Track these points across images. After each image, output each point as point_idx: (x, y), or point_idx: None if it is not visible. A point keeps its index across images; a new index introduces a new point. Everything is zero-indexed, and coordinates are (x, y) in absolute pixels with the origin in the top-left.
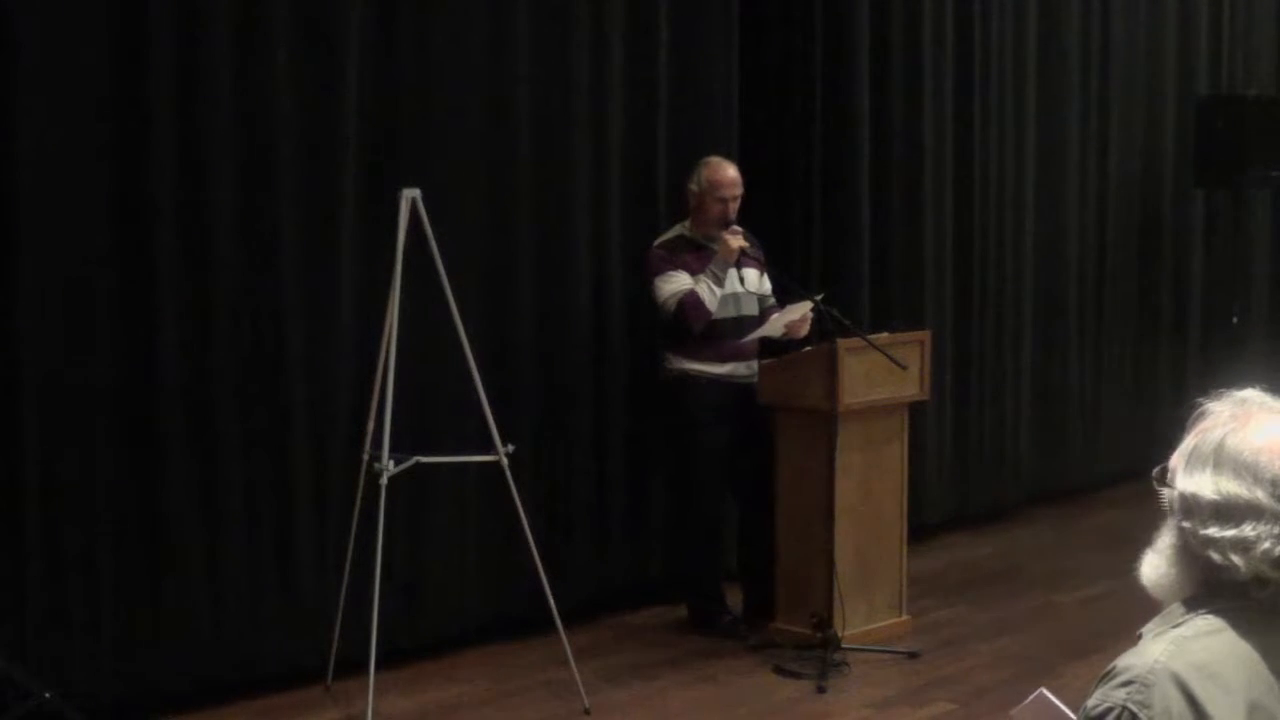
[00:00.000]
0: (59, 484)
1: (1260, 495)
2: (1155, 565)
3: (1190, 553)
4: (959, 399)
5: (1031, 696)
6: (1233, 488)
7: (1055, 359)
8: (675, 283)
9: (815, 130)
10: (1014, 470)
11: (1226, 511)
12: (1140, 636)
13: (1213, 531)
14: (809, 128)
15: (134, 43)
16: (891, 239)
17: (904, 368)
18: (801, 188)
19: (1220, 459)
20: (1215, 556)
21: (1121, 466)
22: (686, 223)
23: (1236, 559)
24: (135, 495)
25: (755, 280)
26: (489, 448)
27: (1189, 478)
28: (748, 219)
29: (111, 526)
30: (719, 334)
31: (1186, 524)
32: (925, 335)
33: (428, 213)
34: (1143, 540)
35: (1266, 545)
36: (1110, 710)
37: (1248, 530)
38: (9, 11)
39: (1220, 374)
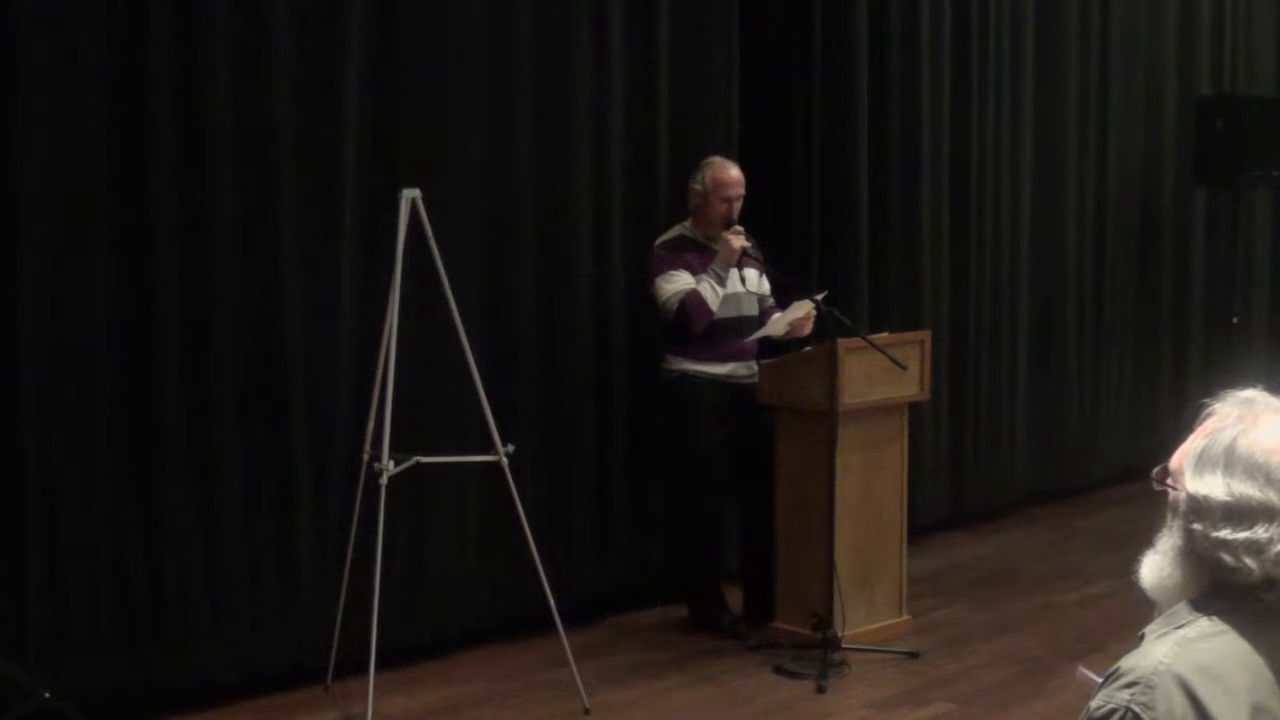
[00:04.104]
0: (59, 484)
1: (1273, 496)
2: (1157, 567)
3: (1198, 554)
4: (957, 399)
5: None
6: (1245, 489)
7: (1054, 358)
8: (677, 282)
9: (815, 130)
10: (1012, 470)
11: (1239, 513)
12: (1143, 637)
13: (1225, 533)
14: (809, 128)
15: (134, 42)
16: (889, 239)
17: (904, 368)
18: (801, 188)
19: (1231, 460)
20: (1227, 558)
21: (1121, 466)
22: (687, 222)
23: (1249, 561)
24: (135, 495)
25: (755, 280)
26: (489, 448)
27: (1199, 479)
28: (747, 219)
29: (111, 526)
30: (720, 334)
31: (1197, 526)
32: (925, 335)
33: (428, 213)
34: (1142, 540)
35: (1279, 547)
36: (1114, 711)
37: (1260, 532)
38: (9, 11)
39: (1220, 374)
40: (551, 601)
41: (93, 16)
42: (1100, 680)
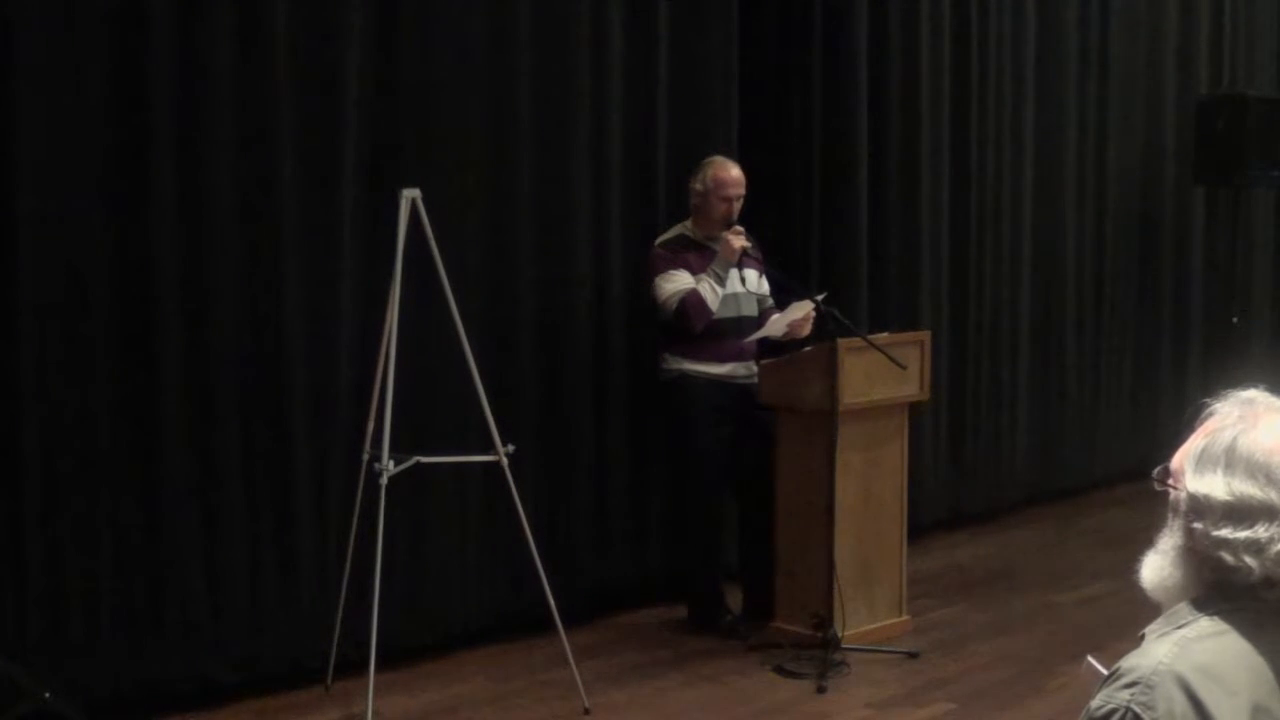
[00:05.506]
0: (59, 483)
1: (1273, 496)
2: (1158, 567)
3: (1198, 554)
4: (957, 399)
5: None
6: (1246, 489)
7: (1054, 359)
8: (677, 282)
9: (814, 130)
10: (1012, 470)
11: (1240, 512)
12: (1143, 637)
13: (1225, 533)
14: (809, 127)
15: (134, 43)
16: (889, 239)
17: (904, 368)
18: (801, 188)
19: (1232, 460)
20: (1227, 558)
21: (1120, 466)
22: (688, 222)
23: (1249, 560)
24: (135, 494)
25: (755, 280)
26: (489, 448)
27: (1200, 479)
28: (746, 219)
29: (112, 526)
30: (719, 334)
31: (1197, 525)
32: (925, 335)
33: (428, 213)
34: (1142, 540)
35: (1279, 546)
36: (1114, 711)
37: (1261, 531)
38: (9, 13)
39: (1221, 374)
40: (551, 601)
41: (92, 16)
42: (1107, 672)
